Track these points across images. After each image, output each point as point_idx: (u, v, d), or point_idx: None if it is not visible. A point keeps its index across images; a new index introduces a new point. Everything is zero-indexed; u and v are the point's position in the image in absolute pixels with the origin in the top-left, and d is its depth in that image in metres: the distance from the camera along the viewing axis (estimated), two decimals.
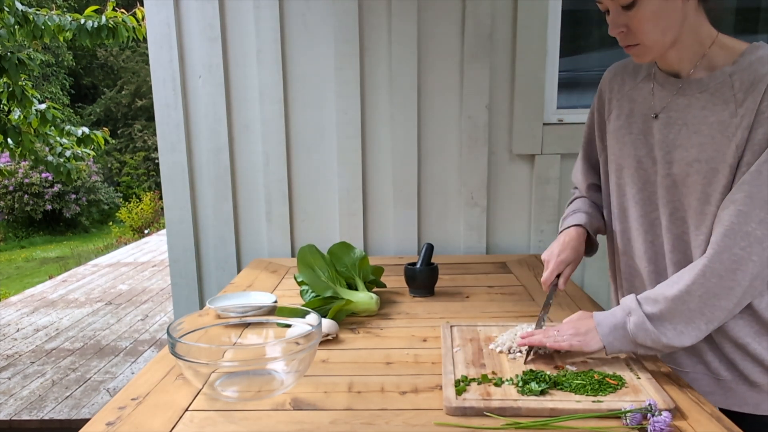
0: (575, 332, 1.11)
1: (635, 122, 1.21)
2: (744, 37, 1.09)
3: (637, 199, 1.22)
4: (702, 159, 1.08)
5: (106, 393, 3.76)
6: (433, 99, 2.25)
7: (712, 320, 1.05)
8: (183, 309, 2.38)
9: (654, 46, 1.08)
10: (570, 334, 1.11)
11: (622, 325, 1.08)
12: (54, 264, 8.87)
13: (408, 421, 0.97)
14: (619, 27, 1.07)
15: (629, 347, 1.08)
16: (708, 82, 1.09)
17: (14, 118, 4.11)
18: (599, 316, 1.11)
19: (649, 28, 1.05)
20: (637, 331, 1.06)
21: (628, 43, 1.08)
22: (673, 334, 1.05)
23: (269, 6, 2.18)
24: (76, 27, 3.99)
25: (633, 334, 1.07)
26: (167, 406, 1.04)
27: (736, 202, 1.03)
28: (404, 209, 2.30)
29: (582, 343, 1.10)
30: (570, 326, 1.13)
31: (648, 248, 1.22)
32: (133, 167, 15.46)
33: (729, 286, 1.02)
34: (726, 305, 1.03)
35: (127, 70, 17.25)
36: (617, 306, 1.12)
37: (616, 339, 1.08)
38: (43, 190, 11.24)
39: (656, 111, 1.16)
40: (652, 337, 1.05)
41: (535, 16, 2.17)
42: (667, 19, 1.05)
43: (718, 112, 1.06)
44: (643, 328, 1.06)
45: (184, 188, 2.30)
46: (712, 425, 0.92)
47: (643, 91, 1.21)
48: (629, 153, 1.22)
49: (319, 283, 1.56)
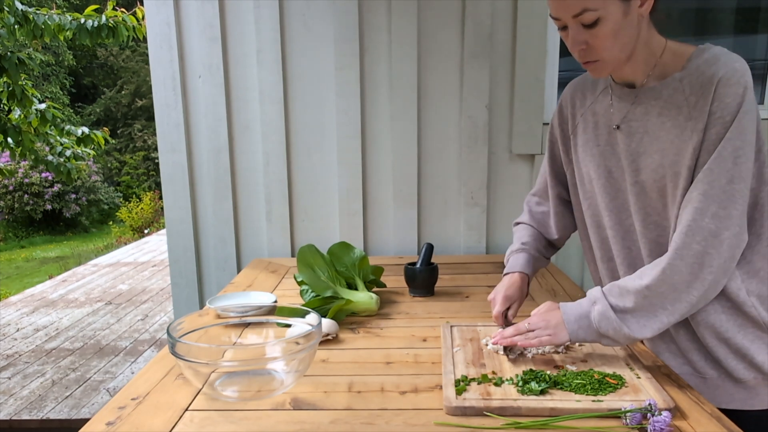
0: (546, 325, 1.14)
1: (601, 134, 1.24)
2: (744, 37, 1.10)
3: (611, 207, 1.25)
4: (665, 164, 1.11)
5: (106, 393, 3.76)
6: (433, 99, 2.25)
7: (673, 313, 1.07)
8: (183, 309, 2.38)
9: (612, 62, 1.10)
10: (541, 328, 1.14)
11: (587, 314, 1.11)
12: (54, 264, 8.87)
13: (408, 420, 0.97)
14: (580, 44, 1.08)
15: (593, 336, 1.11)
16: (661, 90, 1.11)
17: (14, 117, 4.11)
18: (566, 307, 1.14)
19: (608, 45, 1.07)
20: (601, 320, 1.09)
21: (588, 60, 1.10)
22: (635, 327, 1.07)
23: (269, 6, 2.18)
24: (76, 26, 3.99)
25: (597, 323, 1.09)
26: (167, 405, 1.04)
27: (692, 200, 1.06)
28: (404, 209, 2.31)
29: (552, 336, 1.13)
30: (540, 319, 1.15)
31: (626, 254, 1.25)
32: (133, 167, 15.47)
33: (689, 281, 1.05)
34: (689, 299, 1.06)
35: (127, 69, 17.25)
36: (583, 298, 1.15)
37: (580, 328, 1.11)
38: (43, 190, 11.24)
39: (617, 122, 1.19)
40: (614, 327, 1.08)
41: (535, 16, 2.17)
42: (625, 35, 1.07)
43: (674, 117, 1.09)
44: (605, 317, 1.08)
45: (184, 188, 2.30)
46: (712, 425, 0.92)
47: (603, 104, 1.24)
48: (599, 164, 1.25)
49: (319, 282, 1.56)
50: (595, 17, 1.04)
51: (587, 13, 1.04)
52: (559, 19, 1.08)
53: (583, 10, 1.04)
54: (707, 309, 1.12)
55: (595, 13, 1.03)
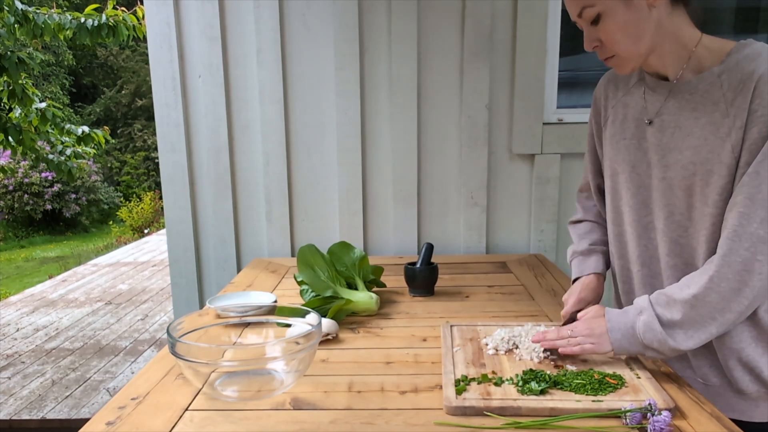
0: (590, 333, 1.10)
1: (628, 127, 1.22)
2: (744, 37, 1.09)
3: (632, 203, 1.23)
4: (697, 161, 1.08)
5: (106, 393, 3.76)
6: (433, 98, 2.25)
7: (723, 324, 1.04)
8: (183, 309, 2.38)
9: (630, 56, 1.09)
10: (584, 336, 1.10)
11: (632, 324, 1.07)
12: (54, 264, 8.87)
13: (408, 420, 0.97)
14: (593, 42, 1.09)
15: (637, 348, 1.07)
16: (697, 84, 1.09)
17: (15, 116, 4.11)
18: (611, 314, 1.10)
19: (619, 39, 1.06)
20: (646, 331, 1.05)
21: (605, 56, 1.10)
22: (682, 339, 1.04)
23: (269, 6, 2.18)
24: (76, 25, 3.99)
25: (641, 334, 1.06)
26: (167, 405, 1.04)
27: (737, 204, 1.02)
28: (404, 209, 2.30)
29: (595, 345, 1.09)
30: (585, 326, 1.12)
31: (642, 252, 1.22)
32: (133, 167, 15.46)
33: (738, 288, 1.01)
34: (737, 308, 1.02)
35: (126, 69, 17.25)
36: (630, 305, 1.11)
37: (624, 338, 1.07)
38: (43, 190, 11.24)
39: (650, 116, 1.17)
40: (659, 339, 1.04)
41: (535, 16, 2.17)
42: (636, 27, 1.06)
43: (709, 113, 1.06)
44: (651, 329, 1.05)
45: (184, 188, 2.30)
46: (711, 425, 0.92)
47: (635, 96, 1.22)
48: (623, 158, 1.23)
49: (319, 282, 1.56)
50: (595, 13, 1.04)
51: (586, 10, 1.05)
52: (576, 21, 1.10)
53: (582, 8, 1.05)
54: None
55: (594, 9, 1.04)
